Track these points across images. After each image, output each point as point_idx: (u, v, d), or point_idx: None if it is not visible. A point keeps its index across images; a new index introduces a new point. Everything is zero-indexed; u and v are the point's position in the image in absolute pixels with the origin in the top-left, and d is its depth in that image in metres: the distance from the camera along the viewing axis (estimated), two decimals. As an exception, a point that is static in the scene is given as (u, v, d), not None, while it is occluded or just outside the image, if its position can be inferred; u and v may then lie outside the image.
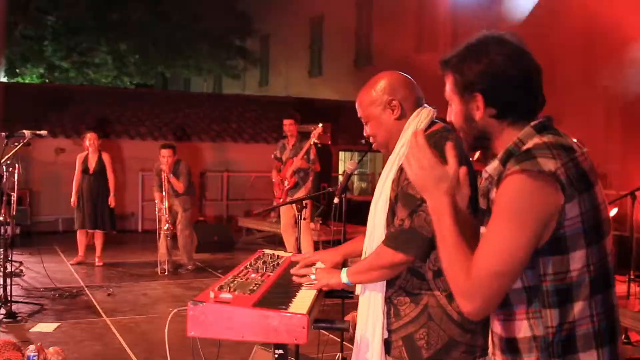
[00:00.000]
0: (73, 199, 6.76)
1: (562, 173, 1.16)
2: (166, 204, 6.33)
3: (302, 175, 6.24)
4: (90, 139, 6.78)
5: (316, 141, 6.02)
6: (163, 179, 6.35)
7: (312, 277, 1.88)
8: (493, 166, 1.28)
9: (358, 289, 1.86)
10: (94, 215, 6.74)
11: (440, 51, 10.81)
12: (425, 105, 1.82)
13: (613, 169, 7.39)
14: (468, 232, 1.27)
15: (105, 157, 6.85)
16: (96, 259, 6.85)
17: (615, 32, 7.43)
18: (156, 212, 6.47)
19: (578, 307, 1.20)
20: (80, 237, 6.89)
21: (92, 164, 6.79)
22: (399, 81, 1.80)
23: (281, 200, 6.14)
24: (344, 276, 1.80)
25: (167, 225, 6.31)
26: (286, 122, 6.28)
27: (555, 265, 1.19)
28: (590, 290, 1.20)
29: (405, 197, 1.67)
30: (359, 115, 1.84)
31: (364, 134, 1.87)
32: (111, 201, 6.75)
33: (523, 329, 1.23)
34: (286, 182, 6.21)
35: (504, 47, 1.26)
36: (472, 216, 1.35)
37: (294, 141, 6.26)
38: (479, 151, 1.34)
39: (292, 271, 1.96)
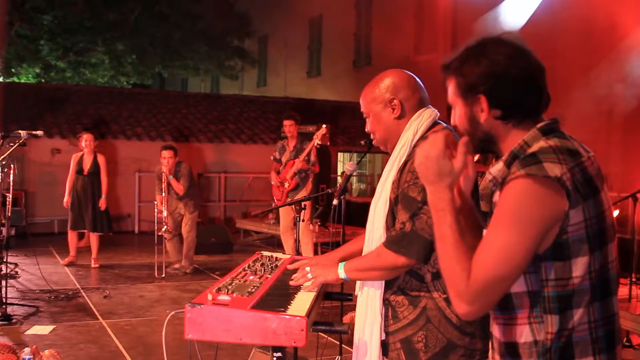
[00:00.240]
0: (66, 199, 6.74)
1: (567, 179, 1.15)
2: (165, 210, 6.29)
3: (303, 176, 6.17)
4: (86, 140, 6.78)
5: (319, 142, 5.92)
6: (164, 181, 6.31)
7: (309, 275, 1.87)
8: (497, 168, 1.27)
9: (357, 289, 1.86)
10: (90, 217, 6.73)
11: (440, 52, 10.87)
12: (429, 106, 1.82)
13: (614, 171, 7.40)
14: (470, 224, 1.26)
15: (101, 159, 6.83)
16: (92, 261, 6.84)
17: (617, 34, 7.45)
18: (155, 214, 6.42)
19: (578, 314, 1.19)
20: (72, 238, 6.84)
21: (87, 165, 6.77)
22: (404, 81, 1.81)
23: (281, 202, 6.09)
24: (341, 271, 1.80)
25: (165, 227, 6.27)
26: (286, 122, 6.18)
27: (557, 271, 1.18)
28: (590, 297, 1.20)
29: (406, 200, 1.67)
30: (361, 109, 1.86)
31: (365, 129, 1.88)
32: (102, 204, 6.71)
33: (525, 334, 1.23)
34: (286, 184, 6.11)
35: (504, 47, 1.26)
36: (476, 209, 1.34)
37: (295, 142, 6.18)
38: (487, 154, 1.34)
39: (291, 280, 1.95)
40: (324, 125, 5.97)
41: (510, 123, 1.27)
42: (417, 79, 1.84)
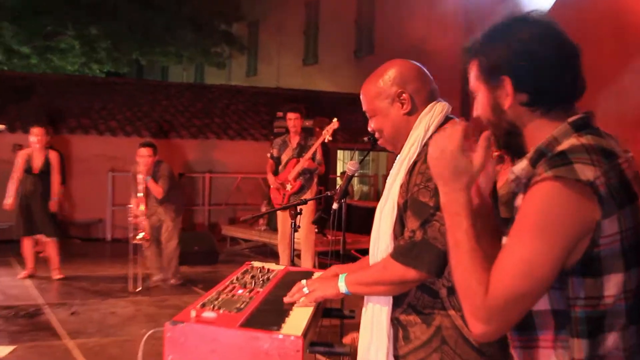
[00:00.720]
0: (9, 201, 6.60)
1: (601, 183, 1.13)
2: (142, 208, 6.24)
3: (308, 177, 6.08)
4: (36, 135, 6.64)
5: (330, 138, 5.77)
6: (140, 183, 6.25)
7: (305, 290, 1.87)
8: (521, 167, 1.24)
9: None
10: (43, 221, 6.64)
11: (451, 40, 10.88)
12: (440, 99, 1.81)
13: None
14: (488, 230, 1.26)
15: (53, 155, 6.74)
16: (54, 272, 6.74)
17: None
18: (130, 219, 6.36)
19: (611, 338, 1.18)
20: (27, 247, 6.73)
21: (37, 163, 6.68)
22: (411, 71, 1.79)
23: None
24: (342, 285, 1.79)
25: (142, 234, 6.19)
26: (291, 116, 6.10)
27: (587, 289, 1.17)
28: (626, 320, 1.18)
29: (416, 205, 1.66)
30: (363, 108, 1.84)
31: (368, 129, 1.86)
32: (52, 206, 6.64)
33: (547, 359, 1.22)
34: (288, 186, 6.01)
35: (532, 25, 1.26)
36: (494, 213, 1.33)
37: (299, 139, 6.12)
38: (510, 152, 1.32)
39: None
40: (335, 119, 5.79)
41: (538, 111, 1.25)
42: (425, 69, 1.83)
